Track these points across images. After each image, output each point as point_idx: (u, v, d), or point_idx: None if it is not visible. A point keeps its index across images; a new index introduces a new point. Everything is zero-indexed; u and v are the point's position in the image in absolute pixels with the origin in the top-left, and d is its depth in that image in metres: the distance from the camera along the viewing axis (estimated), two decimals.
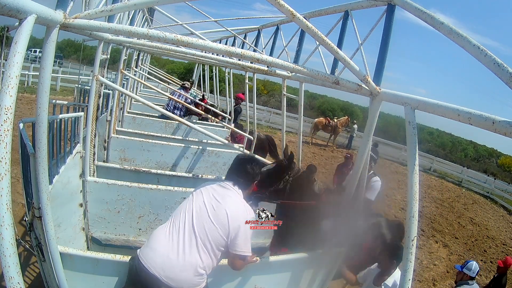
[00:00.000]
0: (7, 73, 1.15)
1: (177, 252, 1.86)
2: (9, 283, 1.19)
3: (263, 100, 25.23)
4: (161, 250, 1.86)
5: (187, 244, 1.88)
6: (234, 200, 2.04)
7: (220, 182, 2.13)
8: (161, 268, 1.82)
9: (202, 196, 2.03)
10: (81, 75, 8.85)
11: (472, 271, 3.45)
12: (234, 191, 2.08)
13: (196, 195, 2.05)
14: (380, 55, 2.15)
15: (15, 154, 1.74)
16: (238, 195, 2.08)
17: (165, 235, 1.92)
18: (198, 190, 2.09)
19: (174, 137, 5.93)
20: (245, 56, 1.83)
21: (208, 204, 1.98)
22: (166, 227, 1.96)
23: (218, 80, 10.77)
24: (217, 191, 2.05)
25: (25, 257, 3.57)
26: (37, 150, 1.66)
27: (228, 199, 2.02)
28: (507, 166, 25.35)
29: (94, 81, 3.17)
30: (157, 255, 1.85)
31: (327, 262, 2.74)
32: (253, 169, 2.16)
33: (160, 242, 1.90)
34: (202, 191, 2.06)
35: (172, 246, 1.87)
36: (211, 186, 2.10)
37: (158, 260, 1.84)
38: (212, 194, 2.03)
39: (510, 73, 1.27)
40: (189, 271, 1.86)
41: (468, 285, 3.50)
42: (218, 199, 2.00)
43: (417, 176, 1.71)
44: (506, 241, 9.31)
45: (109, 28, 1.60)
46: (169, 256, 1.84)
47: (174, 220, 1.97)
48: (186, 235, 1.89)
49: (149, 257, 1.86)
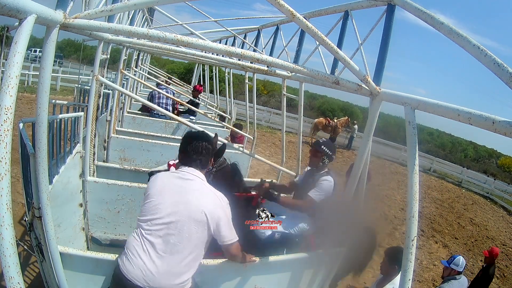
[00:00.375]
0: (7, 73, 1.15)
1: (155, 262, 1.78)
2: (9, 283, 1.18)
3: (263, 100, 25.25)
4: (139, 262, 1.78)
5: (167, 251, 1.79)
6: (202, 192, 1.89)
7: (178, 173, 1.95)
8: (143, 280, 1.77)
9: (167, 196, 1.85)
10: (81, 75, 8.85)
11: (459, 266, 3.47)
12: (197, 178, 1.93)
13: (158, 196, 1.86)
14: (380, 55, 2.15)
15: (15, 154, 1.74)
16: (202, 183, 1.94)
17: (139, 245, 1.81)
18: (157, 189, 1.88)
19: (174, 137, 5.93)
20: (245, 56, 1.83)
21: (177, 205, 1.82)
22: (139, 236, 1.84)
23: (218, 80, 10.77)
24: (181, 187, 1.88)
25: (24, 257, 3.57)
26: (37, 150, 1.66)
27: (197, 194, 1.87)
28: (507, 167, 25.36)
29: (94, 81, 3.17)
30: (136, 267, 1.78)
31: (327, 262, 2.74)
32: (209, 142, 2.03)
33: (137, 252, 1.80)
34: (164, 191, 1.87)
35: (149, 256, 1.78)
36: (170, 181, 1.91)
37: (138, 273, 1.77)
38: (176, 192, 1.86)
39: (510, 73, 1.27)
40: (171, 278, 1.81)
41: (456, 279, 3.51)
42: (186, 197, 1.84)
43: (417, 176, 1.71)
44: (506, 242, 9.31)
45: (109, 28, 1.59)
46: (148, 267, 1.77)
47: (145, 227, 1.83)
48: (162, 242, 1.80)
49: (129, 269, 1.79)
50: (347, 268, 3.15)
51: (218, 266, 2.35)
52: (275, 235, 2.82)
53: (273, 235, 2.82)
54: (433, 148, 25.68)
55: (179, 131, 6.60)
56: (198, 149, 1.97)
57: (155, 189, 1.89)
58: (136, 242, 1.83)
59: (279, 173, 4.38)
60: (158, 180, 1.93)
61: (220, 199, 1.91)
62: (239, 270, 2.45)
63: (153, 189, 1.89)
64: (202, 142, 1.99)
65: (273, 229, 2.78)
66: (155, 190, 1.88)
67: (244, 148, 5.74)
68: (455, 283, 3.50)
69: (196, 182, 1.92)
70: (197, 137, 2.03)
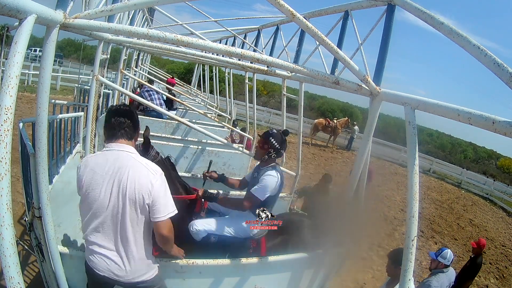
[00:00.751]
0: (7, 73, 1.15)
1: (116, 251, 1.81)
2: (9, 283, 1.18)
3: (263, 100, 25.25)
4: (103, 252, 1.80)
5: (122, 240, 1.80)
6: (134, 169, 1.78)
7: (105, 153, 1.83)
8: (109, 271, 1.81)
9: (99, 187, 1.77)
10: (81, 75, 8.84)
11: (447, 260, 3.44)
12: (125, 153, 1.82)
13: (91, 190, 1.77)
14: (380, 55, 2.15)
15: (15, 153, 1.74)
16: (132, 157, 1.83)
17: (97, 236, 1.81)
18: (88, 181, 1.78)
19: (174, 137, 5.92)
20: (245, 56, 1.84)
21: (113, 194, 1.76)
22: (92, 228, 1.81)
23: (218, 80, 10.77)
24: (111, 170, 1.77)
25: (24, 257, 3.57)
26: (37, 150, 1.66)
27: (129, 173, 1.76)
28: (507, 168, 25.36)
29: (94, 81, 3.17)
30: (102, 260, 1.80)
31: (327, 262, 2.74)
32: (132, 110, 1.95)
33: (97, 245, 1.81)
34: (95, 182, 1.77)
35: (108, 247, 1.80)
36: (99, 167, 1.78)
37: (103, 264, 1.80)
38: (108, 179, 1.76)
39: (510, 73, 1.27)
40: (137, 263, 1.85)
41: (443, 272, 3.48)
42: (118, 181, 1.75)
43: (417, 176, 1.71)
44: (505, 243, 9.31)
45: (109, 28, 1.60)
46: (111, 257, 1.80)
47: (93, 219, 1.79)
48: (112, 233, 1.79)
49: (95, 262, 1.81)
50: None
51: (218, 266, 2.36)
52: (210, 238, 2.59)
53: (209, 237, 2.58)
54: (432, 149, 25.68)
55: (178, 131, 6.60)
56: (123, 123, 1.87)
57: (86, 182, 1.79)
58: (95, 235, 1.81)
59: None
60: (87, 171, 1.80)
61: (153, 172, 1.81)
62: (239, 270, 2.45)
63: (84, 182, 1.79)
64: (125, 117, 1.89)
65: (211, 232, 2.57)
66: (87, 183, 1.79)
67: (244, 148, 5.74)
68: (442, 277, 3.47)
69: (125, 158, 1.81)
70: (120, 111, 1.91)
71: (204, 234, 2.57)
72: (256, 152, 2.91)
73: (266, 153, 2.77)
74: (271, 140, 2.76)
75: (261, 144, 2.80)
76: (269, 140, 2.76)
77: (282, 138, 2.82)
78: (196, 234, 2.55)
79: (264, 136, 2.82)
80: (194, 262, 2.25)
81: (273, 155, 2.77)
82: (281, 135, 2.82)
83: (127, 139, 1.88)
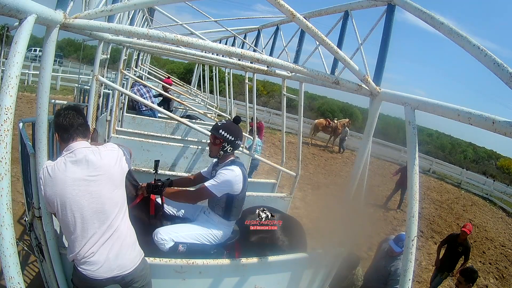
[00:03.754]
0: (7, 73, 1.15)
1: (111, 251, 1.81)
2: (9, 283, 1.18)
3: (262, 100, 25.25)
4: (99, 258, 1.78)
5: (111, 238, 1.81)
6: (101, 165, 1.80)
7: (67, 160, 1.74)
8: (111, 270, 1.80)
9: (76, 201, 1.71)
10: (81, 75, 8.85)
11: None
12: (86, 151, 1.79)
13: (67, 206, 1.70)
14: (380, 55, 2.15)
15: (15, 153, 1.74)
16: (92, 153, 1.81)
17: (91, 242, 1.76)
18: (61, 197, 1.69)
19: (174, 137, 5.92)
20: (245, 56, 1.83)
21: (92, 200, 1.75)
22: (81, 235, 1.75)
23: (218, 81, 10.77)
24: (82, 179, 1.72)
25: (24, 257, 3.57)
26: (37, 150, 1.66)
27: (100, 172, 1.78)
28: (506, 168, 25.38)
29: (94, 81, 3.17)
30: (99, 264, 1.78)
31: (327, 262, 2.74)
32: (80, 113, 1.90)
33: (93, 252, 1.77)
34: (70, 197, 1.70)
35: (102, 247, 1.78)
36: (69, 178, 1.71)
37: (103, 269, 1.78)
38: (83, 190, 1.72)
39: (510, 73, 1.27)
40: (129, 251, 1.88)
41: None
42: (95, 186, 1.75)
43: (417, 176, 1.71)
44: (505, 243, 9.32)
45: (109, 28, 1.60)
46: (108, 256, 1.80)
47: (83, 226, 1.74)
48: (104, 234, 1.79)
49: (94, 269, 1.78)
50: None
51: (218, 266, 2.35)
52: (178, 247, 2.37)
53: (176, 247, 2.37)
54: (432, 149, 25.68)
55: (178, 131, 6.60)
56: (74, 121, 1.83)
57: (62, 196, 1.70)
58: (88, 242, 1.76)
59: (279, 173, 4.38)
60: (57, 183, 1.70)
61: (114, 151, 1.93)
62: (239, 270, 2.45)
63: (60, 197, 1.70)
64: (73, 112, 1.86)
65: (178, 240, 2.37)
66: (63, 198, 1.70)
67: (244, 147, 5.74)
68: None
69: (89, 158, 1.78)
70: (68, 109, 1.87)
71: (171, 243, 2.35)
72: (210, 150, 2.63)
73: (220, 148, 2.52)
74: (221, 132, 2.50)
75: (212, 139, 2.55)
76: (219, 133, 2.50)
77: (235, 127, 2.54)
78: (162, 244, 2.32)
79: (213, 130, 2.55)
80: (194, 262, 2.25)
81: (228, 149, 2.51)
82: (232, 124, 2.57)
83: (83, 137, 1.88)
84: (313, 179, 10.59)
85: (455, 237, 5.18)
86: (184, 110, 8.54)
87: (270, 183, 4.44)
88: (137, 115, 6.58)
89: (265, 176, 8.39)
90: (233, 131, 2.51)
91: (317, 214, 7.01)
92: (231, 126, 2.54)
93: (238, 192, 2.48)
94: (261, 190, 4.05)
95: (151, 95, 6.88)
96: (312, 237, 3.55)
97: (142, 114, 6.70)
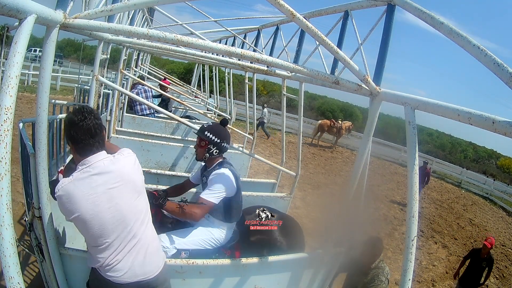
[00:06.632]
0: (7, 73, 1.15)
1: (138, 256, 1.78)
2: (9, 283, 1.18)
3: (262, 100, 25.22)
4: (124, 265, 1.74)
5: (138, 243, 1.77)
6: (121, 175, 1.71)
7: (80, 172, 1.62)
8: (135, 276, 1.77)
9: (101, 214, 1.64)
10: (81, 75, 8.85)
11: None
12: (106, 162, 1.68)
13: (94, 221, 1.63)
14: (380, 55, 2.15)
15: (15, 153, 1.74)
16: (111, 163, 1.70)
17: (115, 252, 1.73)
18: (87, 212, 1.61)
19: (174, 137, 5.92)
20: (245, 56, 1.83)
21: (118, 216, 1.69)
22: (105, 247, 1.70)
23: (218, 81, 10.76)
24: (105, 193, 1.65)
25: (24, 257, 3.57)
26: (37, 150, 1.66)
27: (119, 184, 1.69)
28: (507, 168, 25.36)
29: (94, 81, 3.17)
30: (124, 271, 1.75)
31: (327, 262, 2.74)
32: (95, 115, 1.70)
33: (118, 259, 1.74)
34: (96, 211, 1.63)
35: (127, 256, 1.75)
36: (93, 192, 1.62)
37: (128, 275, 1.75)
38: (107, 203, 1.65)
39: (510, 73, 1.27)
40: (154, 257, 1.85)
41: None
42: (118, 199, 1.68)
43: (417, 176, 1.71)
44: (505, 242, 9.32)
45: (109, 28, 1.60)
46: (133, 263, 1.76)
47: (107, 238, 1.68)
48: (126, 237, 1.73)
49: (119, 276, 1.74)
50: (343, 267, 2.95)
51: (218, 266, 2.35)
52: (181, 255, 2.34)
53: (179, 254, 2.33)
54: (432, 148, 25.69)
55: (178, 131, 6.60)
56: (91, 130, 1.64)
57: (84, 213, 1.61)
58: (116, 252, 1.73)
59: (279, 173, 4.38)
60: (77, 201, 1.60)
61: (131, 157, 1.80)
62: (239, 270, 2.45)
63: (81, 213, 1.61)
64: (90, 119, 1.65)
65: (181, 248, 2.34)
66: (85, 215, 1.61)
67: (244, 148, 5.74)
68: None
69: (109, 169, 1.67)
70: (83, 116, 1.64)
71: (173, 251, 2.31)
72: (196, 152, 2.56)
73: (205, 150, 2.45)
74: (207, 134, 2.43)
75: (198, 142, 2.49)
76: (205, 134, 2.44)
77: (221, 129, 2.48)
78: (164, 251, 2.23)
79: (199, 132, 2.48)
80: (194, 262, 2.25)
81: (214, 151, 2.44)
82: (219, 126, 2.51)
83: (101, 149, 1.75)
84: (313, 178, 10.59)
85: (478, 252, 4.95)
86: (184, 110, 8.54)
87: (270, 183, 4.44)
88: (136, 115, 6.59)
89: (265, 176, 8.40)
90: (219, 133, 2.46)
91: (317, 214, 7.01)
92: (217, 128, 2.49)
93: (233, 194, 2.45)
94: (261, 190, 4.05)
95: (149, 98, 6.89)
96: (312, 237, 3.55)
97: (140, 115, 6.72)
